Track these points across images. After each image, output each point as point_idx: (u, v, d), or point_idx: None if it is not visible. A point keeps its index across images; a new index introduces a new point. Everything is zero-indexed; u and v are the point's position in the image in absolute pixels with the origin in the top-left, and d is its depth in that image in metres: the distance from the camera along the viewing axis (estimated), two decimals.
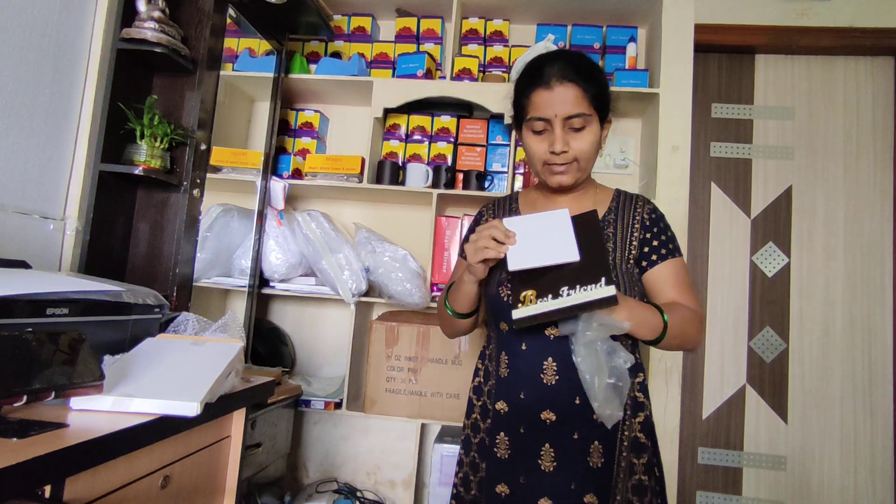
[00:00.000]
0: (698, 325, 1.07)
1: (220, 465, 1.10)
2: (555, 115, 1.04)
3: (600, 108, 1.08)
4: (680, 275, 1.10)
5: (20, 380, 0.71)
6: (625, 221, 1.13)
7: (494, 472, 1.09)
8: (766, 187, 2.20)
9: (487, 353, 1.19)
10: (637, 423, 1.08)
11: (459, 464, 1.19)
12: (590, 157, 1.09)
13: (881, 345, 2.09)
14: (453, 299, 1.15)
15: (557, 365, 1.03)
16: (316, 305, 2.25)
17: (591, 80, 1.06)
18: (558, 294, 0.92)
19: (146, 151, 1.44)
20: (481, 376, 1.19)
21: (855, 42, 2.12)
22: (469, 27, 2.23)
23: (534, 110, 1.07)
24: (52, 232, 1.43)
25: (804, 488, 2.07)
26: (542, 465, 1.04)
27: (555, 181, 1.09)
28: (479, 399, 1.17)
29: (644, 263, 1.10)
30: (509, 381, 1.09)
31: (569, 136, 1.06)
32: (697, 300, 1.10)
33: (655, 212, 1.14)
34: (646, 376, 1.12)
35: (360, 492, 2.06)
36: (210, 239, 1.87)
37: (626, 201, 1.16)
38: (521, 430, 1.06)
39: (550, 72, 1.06)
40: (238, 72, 2.08)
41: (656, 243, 1.10)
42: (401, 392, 1.87)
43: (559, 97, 1.04)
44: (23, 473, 0.60)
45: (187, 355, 1.00)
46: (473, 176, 2.04)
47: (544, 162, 1.08)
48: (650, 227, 1.12)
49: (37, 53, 1.37)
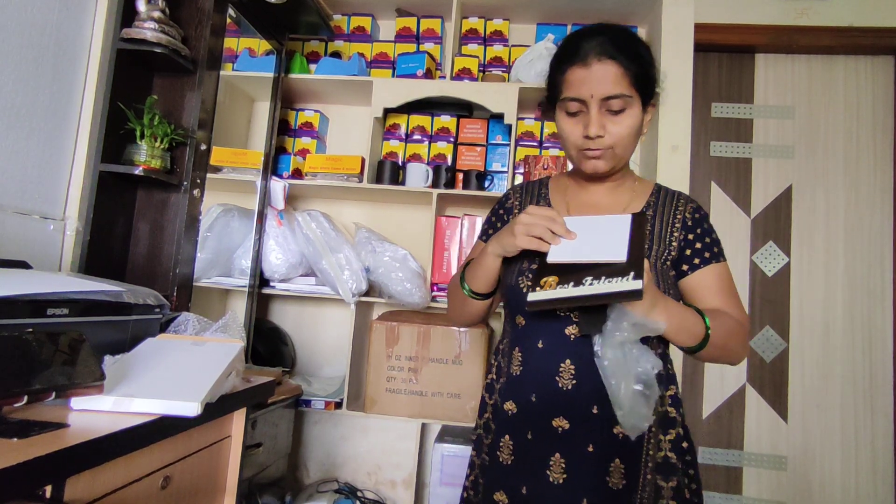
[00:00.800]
0: (743, 337, 0.97)
1: (221, 465, 1.10)
2: (591, 95, 0.93)
3: (643, 90, 0.97)
4: (725, 281, 1.00)
5: (21, 380, 0.71)
6: (664, 219, 1.03)
7: (494, 478, 1.01)
8: (766, 187, 2.20)
9: (501, 348, 1.10)
10: (667, 440, 0.97)
11: (470, 466, 1.11)
12: (628, 143, 0.97)
13: (881, 344, 2.09)
14: (472, 275, 1.04)
15: (576, 368, 0.94)
16: (316, 305, 2.25)
17: (633, 58, 0.95)
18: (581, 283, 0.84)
19: (146, 151, 1.44)
20: (494, 373, 1.10)
21: (855, 41, 2.12)
22: (469, 27, 2.23)
23: (568, 89, 0.96)
24: (52, 232, 1.43)
25: (805, 488, 2.07)
26: (549, 476, 0.94)
27: (589, 166, 0.99)
28: (490, 397, 1.09)
29: (684, 267, 1.00)
30: (520, 380, 1.00)
31: (606, 119, 0.95)
32: (744, 309, 1.00)
33: (699, 211, 1.04)
34: (678, 388, 1.02)
35: (361, 491, 2.06)
36: (210, 239, 1.87)
37: (668, 198, 1.05)
38: (529, 435, 0.97)
39: (588, 47, 0.94)
40: (238, 72, 2.08)
41: (699, 246, 1.00)
42: (401, 392, 1.87)
43: (597, 76, 0.93)
44: (23, 474, 0.60)
45: (188, 355, 1.00)
46: (473, 176, 2.04)
47: (578, 147, 0.98)
48: (693, 228, 1.01)
49: (37, 53, 1.37)
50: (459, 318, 1.15)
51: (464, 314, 1.12)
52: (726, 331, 0.94)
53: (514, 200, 1.16)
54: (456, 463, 1.86)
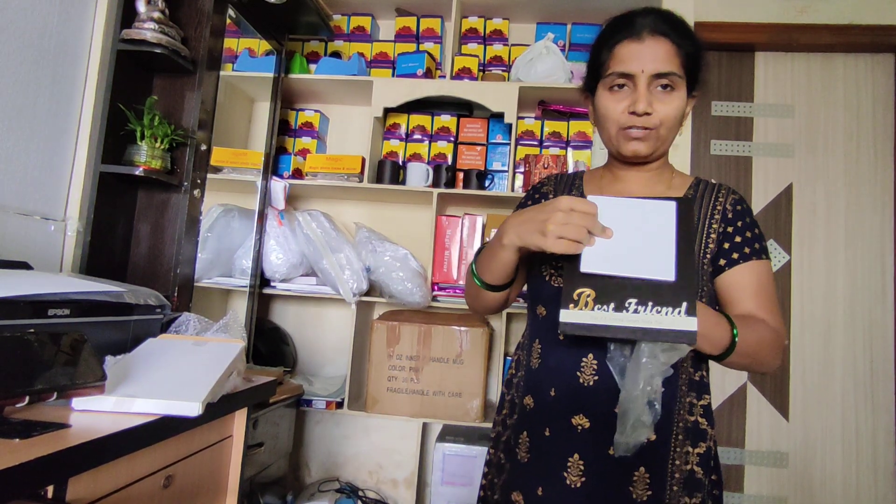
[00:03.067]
0: (777, 347, 0.89)
1: (223, 464, 1.10)
2: (641, 70, 0.87)
3: (691, 74, 0.92)
4: (763, 281, 0.92)
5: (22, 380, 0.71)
6: (703, 211, 0.96)
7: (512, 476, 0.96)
8: (766, 185, 2.20)
9: (522, 341, 1.05)
10: (696, 454, 0.89)
11: (487, 464, 1.07)
12: (672, 126, 0.91)
13: (882, 341, 2.09)
14: (484, 266, 0.94)
15: (598, 363, 0.88)
16: (317, 305, 2.25)
17: (686, 37, 0.90)
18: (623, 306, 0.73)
19: (146, 152, 1.44)
20: (514, 367, 1.04)
21: (855, 39, 2.11)
22: (469, 26, 2.23)
23: (616, 64, 0.90)
24: (53, 233, 1.43)
25: (806, 485, 2.07)
26: (567, 479, 0.88)
27: (630, 148, 0.91)
28: (509, 392, 1.04)
29: (721, 262, 0.93)
30: (539, 374, 0.94)
31: (654, 96, 0.88)
32: (780, 316, 0.92)
33: (741, 203, 0.96)
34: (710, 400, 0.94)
35: (363, 491, 2.06)
36: (211, 239, 1.87)
37: (708, 189, 0.98)
38: (547, 432, 0.91)
39: (643, 23, 0.90)
40: (238, 72, 2.08)
41: (739, 240, 0.93)
42: (402, 391, 1.88)
43: (650, 50, 0.88)
44: (25, 474, 0.60)
45: (189, 355, 1.00)
46: (474, 175, 2.04)
47: (621, 126, 0.90)
48: (733, 221, 0.94)
49: (37, 55, 1.37)
50: (475, 306, 1.05)
51: (479, 303, 1.03)
52: (757, 339, 0.86)
53: (549, 187, 1.09)
54: (457, 462, 1.86)
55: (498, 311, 1.06)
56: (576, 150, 2.11)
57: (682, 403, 0.90)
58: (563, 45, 2.17)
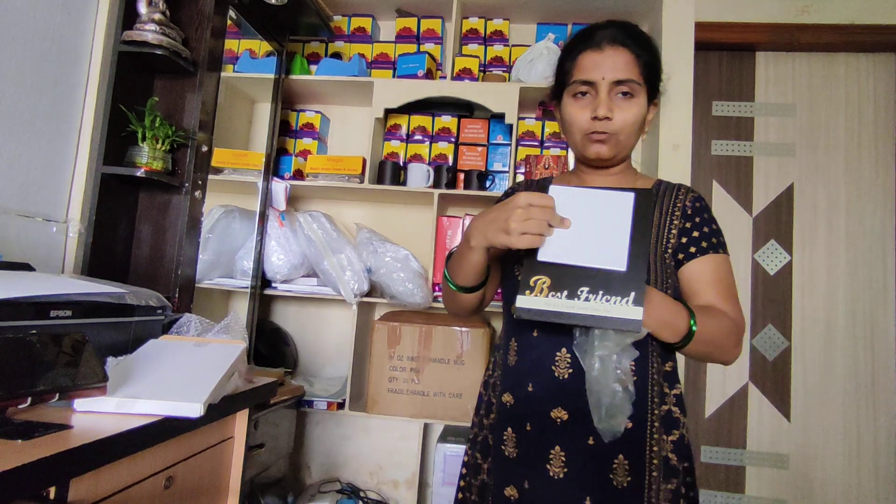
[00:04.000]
0: (736, 335, 0.93)
1: (224, 465, 1.10)
2: (602, 77, 0.94)
3: (650, 82, 0.98)
4: (722, 274, 0.97)
5: (24, 382, 0.72)
6: (664, 208, 1.01)
7: (503, 473, 0.98)
8: (767, 185, 2.20)
9: (499, 341, 1.09)
10: (670, 441, 0.94)
11: (465, 465, 1.10)
12: (633, 131, 0.97)
13: (884, 342, 2.08)
14: (455, 269, 0.99)
15: (572, 357, 0.92)
16: (318, 306, 2.25)
17: (644, 48, 0.97)
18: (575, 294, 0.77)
19: (148, 153, 1.44)
20: (491, 368, 1.08)
21: (856, 39, 2.11)
22: (469, 27, 2.23)
23: (579, 72, 0.97)
24: (55, 234, 1.43)
25: (807, 486, 2.07)
26: (550, 471, 0.92)
27: (593, 151, 0.97)
28: (486, 394, 1.08)
29: (680, 256, 0.98)
30: (517, 371, 0.98)
31: (614, 103, 0.95)
32: (739, 306, 0.97)
33: (700, 201, 1.02)
34: (682, 390, 0.99)
35: (363, 492, 2.06)
36: (212, 240, 1.87)
37: (668, 189, 1.04)
38: (528, 426, 0.95)
39: (602, 34, 0.97)
40: (239, 73, 2.09)
41: (697, 234, 0.98)
42: (403, 392, 1.88)
43: (609, 60, 0.95)
44: (27, 475, 0.60)
45: (190, 356, 1.00)
46: (475, 176, 2.04)
47: (584, 131, 0.97)
48: (692, 217, 1.00)
49: (38, 57, 1.37)
50: (453, 309, 1.10)
51: (456, 306, 1.07)
52: (716, 329, 0.90)
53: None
54: (458, 463, 1.84)
55: (476, 311, 1.10)
56: None
57: (655, 393, 0.95)
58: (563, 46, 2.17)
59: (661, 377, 0.96)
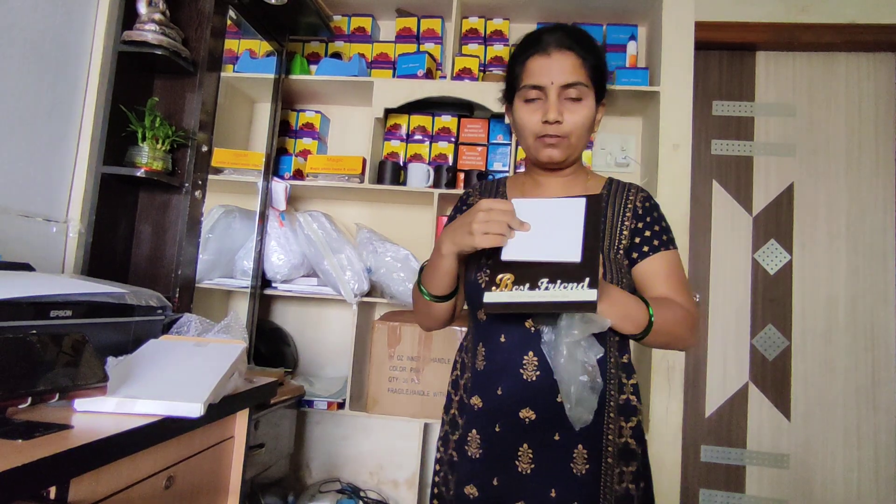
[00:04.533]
0: (690, 324, 0.99)
1: (224, 465, 1.10)
2: (551, 82, 0.97)
3: (597, 84, 1.01)
4: (673, 269, 1.02)
5: (25, 382, 0.72)
6: (616, 209, 1.05)
7: (465, 473, 1.03)
8: (767, 184, 2.20)
9: (465, 344, 1.12)
10: (629, 427, 1.00)
11: (439, 462, 1.12)
12: (583, 133, 1.01)
13: (884, 341, 2.08)
14: (429, 279, 1.03)
15: (539, 359, 0.96)
16: (318, 306, 2.25)
17: (590, 51, 1.00)
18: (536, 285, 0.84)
19: (148, 153, 1.44)
20: (459, 369, 1.12)
21: (856, 38, 2.11)
22: (469, 27, 2.23)
23: (528, 77, 0.99)
24: (55, 234, 1.43)
25: (807, 486, 2.07)
26: (518, 467, 0.97)
27: (545, 154, 1.01)
28: (456, 394, 1.11)
29: (634, 255, 1.02)
30: (486, 375, 1.02)
31: (563, 106, 0.98)
32: (691, 297, 1.02)
33: (649, 200, 1.06)
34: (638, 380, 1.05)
35: (364, 491, 2.06)
36: (212, 240, 1.87)
37: (619, 189, 1.08)
38: (497, 427, 0.99)
39: (549, 39, 0.99)
40: (239, 73, 2.09)
41: (648, 234, 1.02)
42: (403, 392, 1.88)
43: (557, 64, 0.98)
44: (28, 474, 0.60)
45: (190, 356, 1.00)
46: (475, 175, 2.04)
47: (536, 134, 1.00)
48: (643, 217, 1.04)
49: (39, 57, 1.37)
50: (427, 322, 1.13)
51: (430, 318, 1.11)
52: (671, 318, 0.95)
53: (474, 197, 1.17)
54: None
55: (448, 323, 1.14)
56: None
57: (613, 384, 1.00)
58: None
59: (619, 369, 1.01)
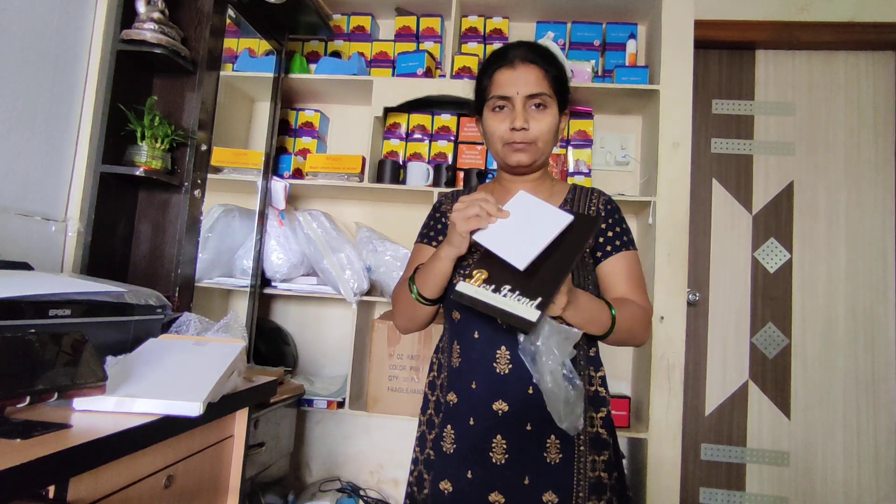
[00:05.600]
0: (646, 322, 1.08)
1: (224, 464, 1.10)
2: (517, 92, 1.06)
3: (559, 94, 1.10)
4: (632, 269, 1.10)
5: (23, 381, 0.72)
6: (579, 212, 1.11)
7: (440, 469, 1.07)
8: (767, 183, 2.20)
9: (441, 345, 1.17)
10: (599, 418, 1.06)
11: (414, 462, 1.17)
12: (548, 139, 1.09)
13: (883, 339, 2.08)
14: (423, 280, 1.07)
15: (511, 353, 1.01)
16: (318, 305, 2.25)
17: (551, 64, 1.09)
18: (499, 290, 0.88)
19: (147, 152, 1.44)
20: (435, 370, 1.16)
21: (856, 37, 2.11)
22: (468, 25, 2.23)
23: (496, 88, 1.08)
24: (54, 233, 1.43)
25: (807, 483, 2.07)
26: (493, 458, 1.01)
27: (514, 159, 1.08)
28: (433, 394, 1.15)
29: (598, 254, 1.11)
30: (461, 371, 1.07)
31: (529, 114, 1.06)
32: (646, 296, 1.11)
33: (611, 203, 1.15)
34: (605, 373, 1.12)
35: (364, 490, 2.07)
36: (211, 239, 1.87)
37: (582, 194, 1.16)
38: (472, 421, 1.03)
39: (514, 54, 1.08)
40: (238, 72, 2.08)
41: (611, 234, 1.11)
42: (403, 391, 1.88)
43: (522, 76, 1.06)
44: (27, 474, 0.60)
45: (190, 356, 1.00)
46: (474, 174, 2.04)
47: (504, 141, 1.08)
48: (605, 219, 1.12)
49: (37, 56, 1.37)
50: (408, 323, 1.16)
51: (412, 320, 1.15)
52: (630, 317, 1.03)
53: (447, 207, 1.23)
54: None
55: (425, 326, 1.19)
56: (576, 150, 2.11)
57: (583, 377, 1.06)
58: (564, 44, 2.17)
59: (587, 362, 1.08)
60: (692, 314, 2.17)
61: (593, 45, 2.16)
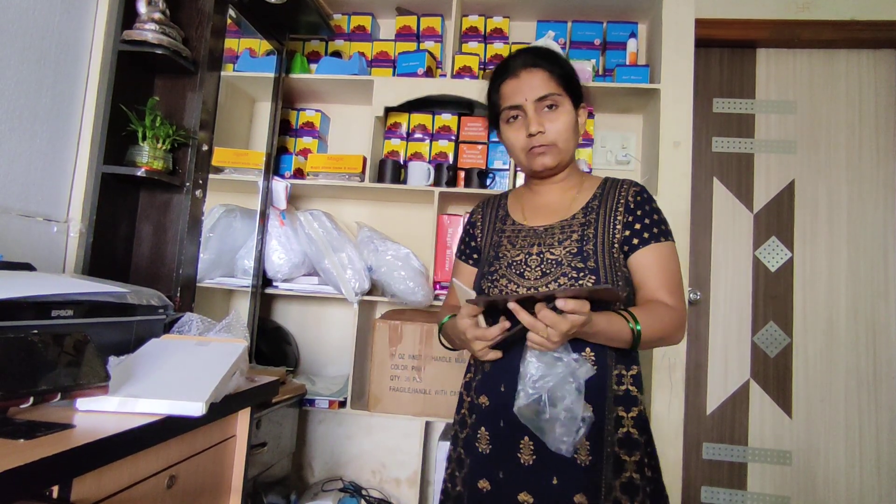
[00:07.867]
0: (677, 324, 1.03)
1: (226, 464, 1.10)
2: (525, 99, 1.06)
3: (570, 90, 1.09)
4: (665, 261, 1.05)
5: (26, 381, 0.72)
6: (608, 205, 1.09)
7: (476, 468, 1.09)
8: (768, 182, 2.20)
9: None
10: (630, 417, 1.04)
11: (448, 459, 1.19)
12: (567, 137, 1.08)
13: (885, 338, 2.08)
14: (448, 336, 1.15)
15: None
16: (319, 305, 2.25)
17: (555, 63, 1.09)
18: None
19: (148, 153, 1.44)
20: (472, 371, 1.19)
21: (856, 35, 2.11)
22: (469, 25, 2.23)
23: (505, 101, 1.09)
24: (55, 234, 1.43)
25: (809, 483, 2.07)
26: (521, 459, 1.02)
27: (538, 163, 1.08)
28: (468, 395, 1.17)
29: (626, 248, 1.06)
30: (491, 375, 1.09)
31: (543, 117, 1.06)
32: (680, 293, 1.06)
33: (642, 194, 1.10)
34: (640, 369, 1.08)
35: (366, 490, 2.07)
36: (213, 239, 1.87)
37: (612, 186, 1.13)
38: (501, 423, 1.05)
39: (516, 63, 1.09)
40: (239, 72, 2.08)
41: (639, 226, 1.06)
42: (405, 390, 1.88)
43: (527, 83, 1.07)
44: (30, 474, 0.60)
45: (192, 356, 1.00)
46: (475, 174, 2.04)
47: (524, 149, 1.08)
48: (634, 210, 1.08)
49: (38, 56, 1.37)
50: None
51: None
52: (658, 324, 1.00)
53: (478, 216, 1.26)
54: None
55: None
56: (577, 149, 2.11)
57: (612, 376, 1.03)
58: (564, 43, 2.17)
59: (618, 360, 1.05)
60: (693, 313, 2.17)
61: (594, 44, 2.15)
